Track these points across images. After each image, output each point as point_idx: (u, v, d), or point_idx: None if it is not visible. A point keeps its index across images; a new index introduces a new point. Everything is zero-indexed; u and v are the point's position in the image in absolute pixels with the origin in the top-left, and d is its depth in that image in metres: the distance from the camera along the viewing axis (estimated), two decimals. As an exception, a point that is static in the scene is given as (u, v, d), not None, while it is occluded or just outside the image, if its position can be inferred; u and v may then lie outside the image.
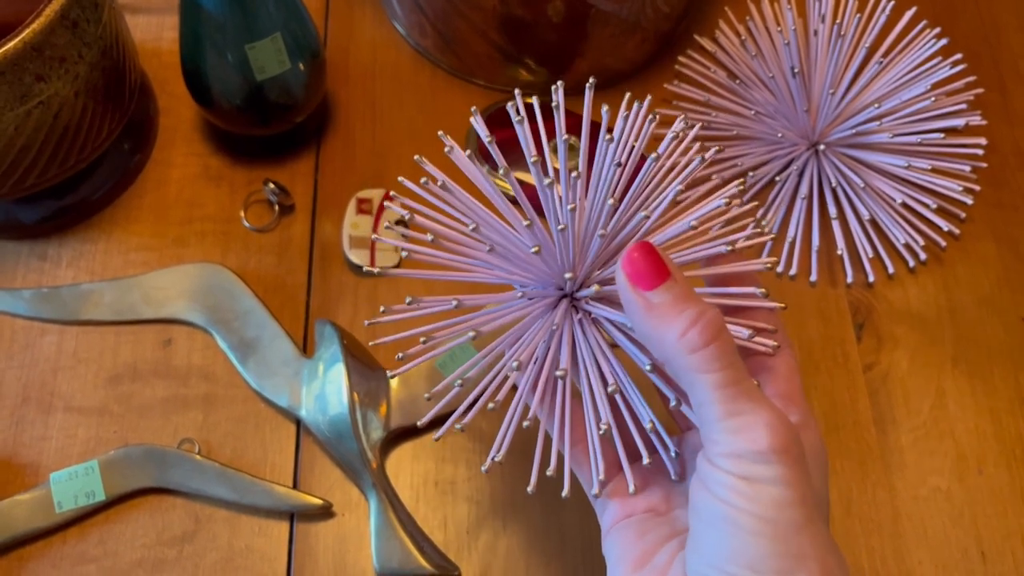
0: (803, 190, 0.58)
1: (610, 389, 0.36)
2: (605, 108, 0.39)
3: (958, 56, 0.59)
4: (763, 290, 0.37)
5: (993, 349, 0.56)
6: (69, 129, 0.52)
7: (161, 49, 0.64)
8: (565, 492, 0.37)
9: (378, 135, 0.62)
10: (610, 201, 0.36)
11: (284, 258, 0.57)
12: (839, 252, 0.57)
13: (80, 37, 0.50)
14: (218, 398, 0.53)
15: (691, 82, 0.62)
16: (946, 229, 0.58)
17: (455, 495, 0.52)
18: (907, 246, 0.58)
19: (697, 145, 0.39)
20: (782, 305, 0.38)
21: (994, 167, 0.62)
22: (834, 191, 0.57)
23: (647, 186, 0.38)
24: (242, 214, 0.58)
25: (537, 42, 0.60)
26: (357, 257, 0.56)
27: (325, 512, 0.51)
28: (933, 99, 0.56)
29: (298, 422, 0.53)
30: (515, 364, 0.36)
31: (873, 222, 0.58)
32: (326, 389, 0.51)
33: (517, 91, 0.39)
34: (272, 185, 0.57)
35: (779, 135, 0.57)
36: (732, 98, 0.60)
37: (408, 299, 0.38)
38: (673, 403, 0.36)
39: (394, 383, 0.52)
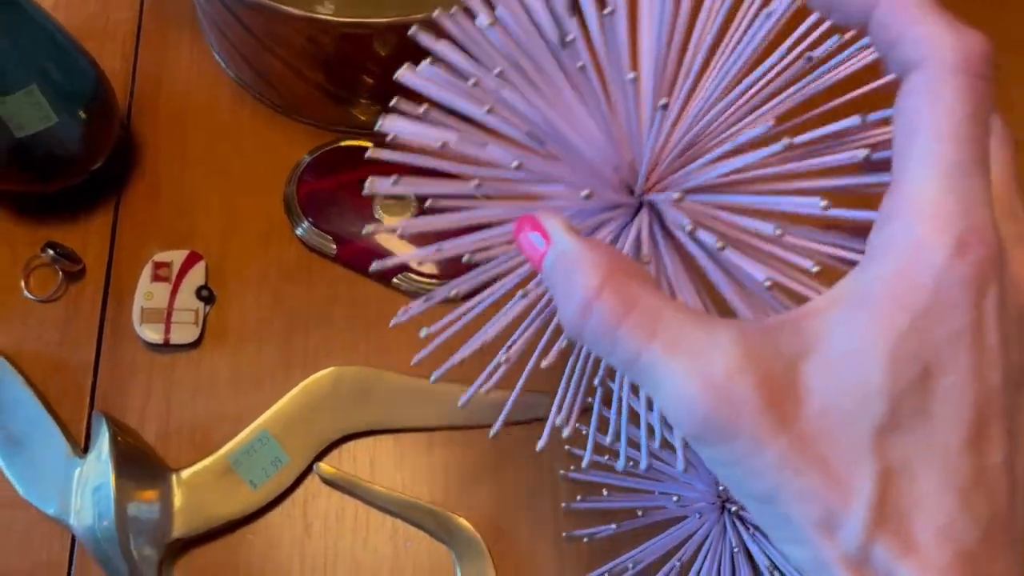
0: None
1: None
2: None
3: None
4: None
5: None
6: None
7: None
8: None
9: (187, 185, 0.54)
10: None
11: (68, 333, 0.50)
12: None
13: None
14: (-19, 504, 0.47)
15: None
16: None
17: (249, 615, 0.46)
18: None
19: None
20: None
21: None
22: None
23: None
24: (22, 282, 0.51)
25: (365, 80, 0.52)
26: (149, 333, 0.49)
27: (98, 641, 0.45)
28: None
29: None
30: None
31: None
32: (96, 496, 0.45)
33: None
34: (52, 251, 0.50)
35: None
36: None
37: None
38: None
39: (178, 488, 0.46)
